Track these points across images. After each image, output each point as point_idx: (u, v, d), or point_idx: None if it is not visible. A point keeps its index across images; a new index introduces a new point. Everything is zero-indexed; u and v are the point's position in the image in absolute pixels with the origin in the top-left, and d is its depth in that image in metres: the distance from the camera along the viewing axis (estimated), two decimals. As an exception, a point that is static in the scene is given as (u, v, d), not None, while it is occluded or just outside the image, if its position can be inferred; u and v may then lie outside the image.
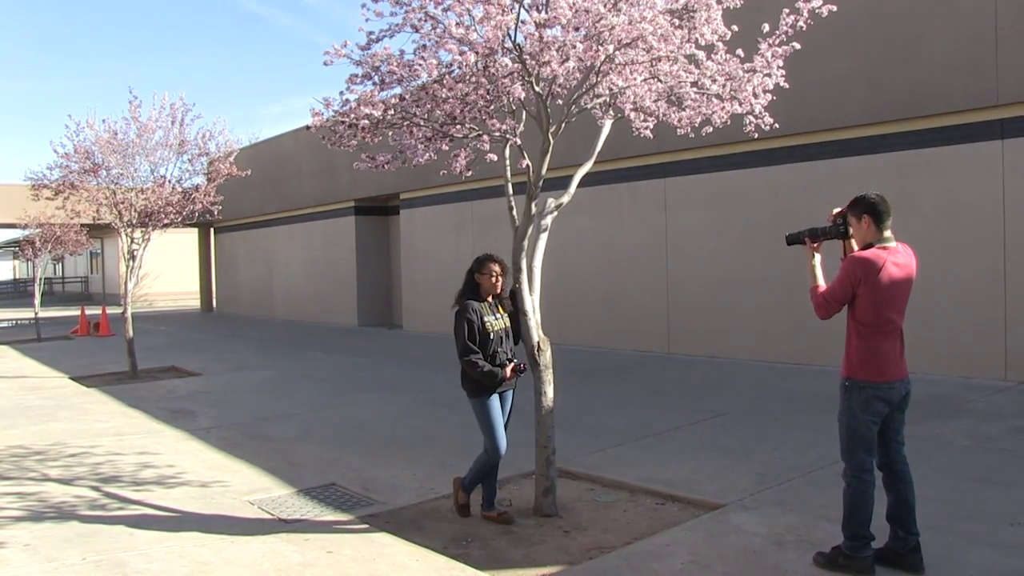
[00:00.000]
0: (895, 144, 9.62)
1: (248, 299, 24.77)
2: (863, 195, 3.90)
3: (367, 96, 4.44)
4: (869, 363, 3.78)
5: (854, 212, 3.88)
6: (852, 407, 3.82)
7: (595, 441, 6.78)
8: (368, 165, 4.92)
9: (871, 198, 3.86)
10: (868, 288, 3.73)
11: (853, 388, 3.81)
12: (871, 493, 3.83)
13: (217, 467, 6.36)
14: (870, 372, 3.78)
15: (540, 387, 4.91)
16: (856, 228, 3.90)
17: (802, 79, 9.20)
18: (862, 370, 3.79)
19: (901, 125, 9.57)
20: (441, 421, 7.82)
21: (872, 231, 3.84)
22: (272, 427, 7.86)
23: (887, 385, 3.78)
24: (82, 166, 11.27)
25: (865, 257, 3.77)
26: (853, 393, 3.81)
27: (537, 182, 4.86)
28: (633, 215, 12.74)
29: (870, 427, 3.81)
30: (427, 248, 17.23)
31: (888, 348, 3.80)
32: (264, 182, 21.62)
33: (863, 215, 3.85)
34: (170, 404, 9.28)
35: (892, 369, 3.81)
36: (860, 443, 3.82)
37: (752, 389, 9.04)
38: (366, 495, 5.52)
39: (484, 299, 4.81)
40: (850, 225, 3.92)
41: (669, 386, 9.57)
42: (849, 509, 3.86)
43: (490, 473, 4.90)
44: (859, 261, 3.77)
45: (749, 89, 4.95)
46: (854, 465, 3.84)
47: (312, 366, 12.33)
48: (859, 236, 3.90)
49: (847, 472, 3.88)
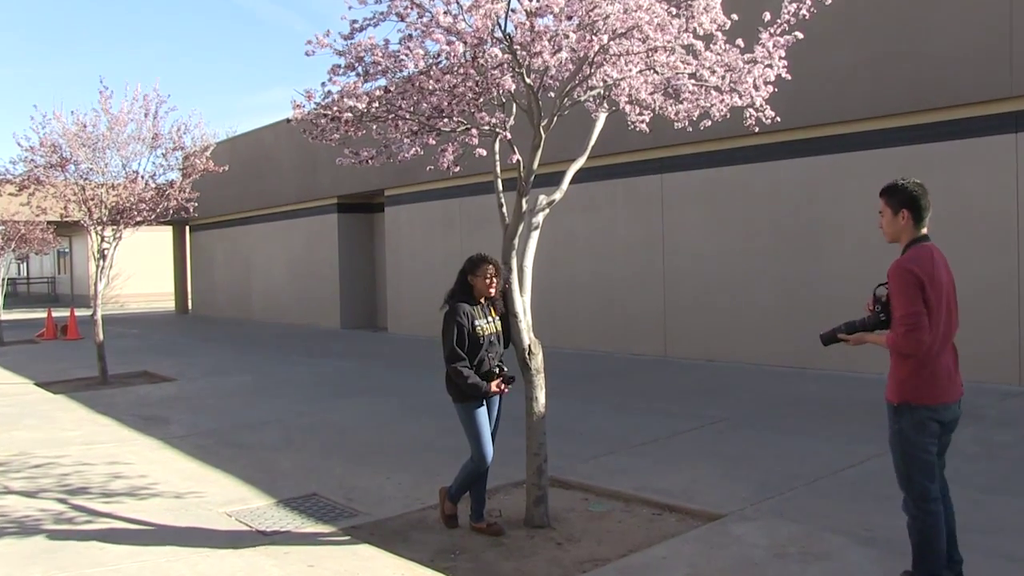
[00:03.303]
0: (901, 139, 9.67)
1: (225, 301, 24.67)
2: (902, 183, 3.58)
3: (350, 88, 4.43)
4: (922, 384, 3.47)
5: (889, 202, 3.57)
6: (905, 431, 3.52)
7: (589, 448, 6.78)
8: (351, 160, 4.91)
9: (912, 189, 3.54)
10: (927, 298, 3.41)
11: (903, 410, 3.51)
12: (942, 523, 3.54)
13: (192, 477, 6.33)
14: (923, 393, 3.47)
15: (531, 392, 4.91)
16: (889, 222, 3.58)
17: (805, 71, 9.21)
18: (914, 392, 3.47)
19: (908, 119, 9.62)
20: (427, 428, 7.81)
21: (909, 228, 3.54)
22: (250, 434, 7.83)
23: (943, 407, 3.50)
24: (48, 160, 11.19)
25: (915, 260, 3.45)
26: (904, 415, 3.51)
27: (528, 178, 4.86)
28: (628, 213, 12.76)
29: (928, 450, 3.52)
30: (413, 247, 17.21)
31: (943, 364, 3.51)
32: (242, 178, 21.54)
33: (901, 208, 3.53)
34: (142, 411, 9.23)
35: (947, 388, 3.52)
36: (919, 469, 3.51)
37: (752, 394, 9.06)
38: (349, 505, 5.50)
39: (476, 301, 4.80)
40: (880, 213, 3.61)
41: (666, 391, 9.58)
42: (919, 545, 3.56)
43: (478, 482, 4.89)
44: (908, 267, 3.42)
45: (749, 81, 4.97)
46: (916, 495, 3.54)
47: (293, 370, 12.29)
48: (891, 231, 3.59)
49: (908, 504, 3.58)
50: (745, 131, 5.40)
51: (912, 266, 3.42)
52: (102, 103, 11.05)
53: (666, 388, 9.80)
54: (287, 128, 7.30)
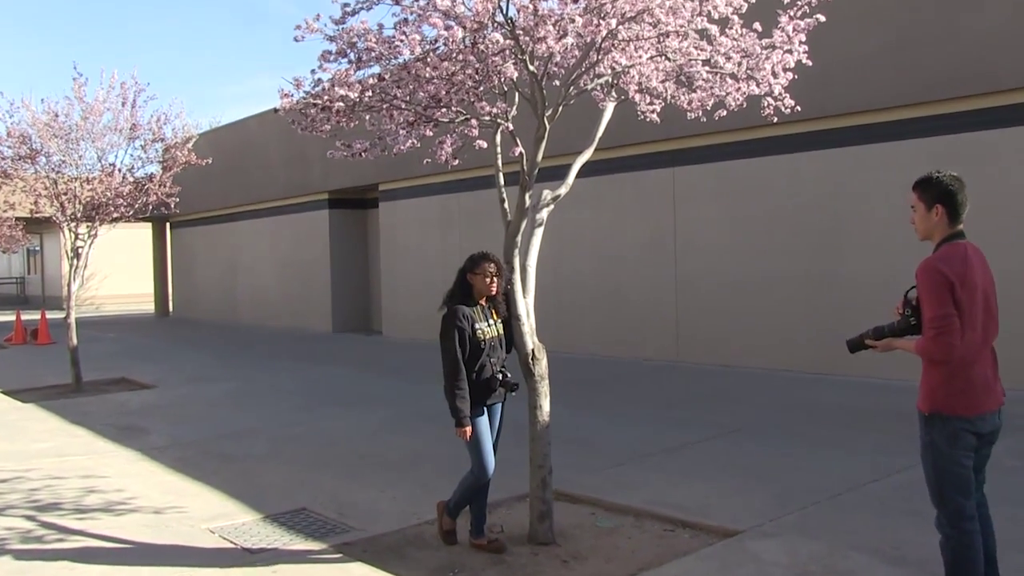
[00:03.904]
0: (930, 128, 9.65)
1: (209, 302, 24.71)
2: (937, 176, 3.53)
3: (342, 75, 4.43)
4: (956, 392, 3.41)
5: (923, 197, 3.52)
6: (936, 442, 3.47)
7: (596, 460, 6.78)
8: (343, 153, 4.91)
9: (948, 183, 3.49)
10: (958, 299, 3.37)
11: (935, 420, 3.46)
12: (978, 544, 3.48)
13: (173, 491, 6.33)
14: (957, 403, 3.41)
15: (535, 400, 4.91)
16: (922, 218, 3.53)
17: (827, 56, 9.21)
18: (946, 401, 3.42)
19: (937, 107, 9.58)
20: (425, 438, 7.81)
21: (943, 225, 3.49)
22: (235, 445, 7.84)
23: (979, 418, 3.44)
24: (17, 152, 11.20)
25: (945, 259, 3.40)
26: (935, 426, 3.46)
27: (531, 172, 4.87)
28: (638, 208, 12.78)
29: (962, 464, 3.46)
30: (409, 245, 17.23)
31: (979, 371, 3.45)
32: (227, 171, 21.56)
33: (935, 203, 3.48)
34: (119, 420, 9.24)
35: (984, 398, 3.46)
36: (953, 484, 3.46)
37: (771, 401, 9.06)
38: (341, 521, 5.50)
39: (476, 302, 4.81)
40: (912, 208, 3.57)
41: (678, 398, 9.59)
42: (952, 566, 3.51)
43: (478, 496, 4.90)
44: (937, 267, 3.37)
45: (767, 67, 4.97)
46: (950, 512, 3.48)
47: (281, 377, 12.30)
48: (924, 227, 3.55)
49: (942, 522, 3.52)
50: (763, 121, 5.41)
51: (941, 265, 3.37)
52: (76, 91, 11.06)
53: (678, 395, 9.79)
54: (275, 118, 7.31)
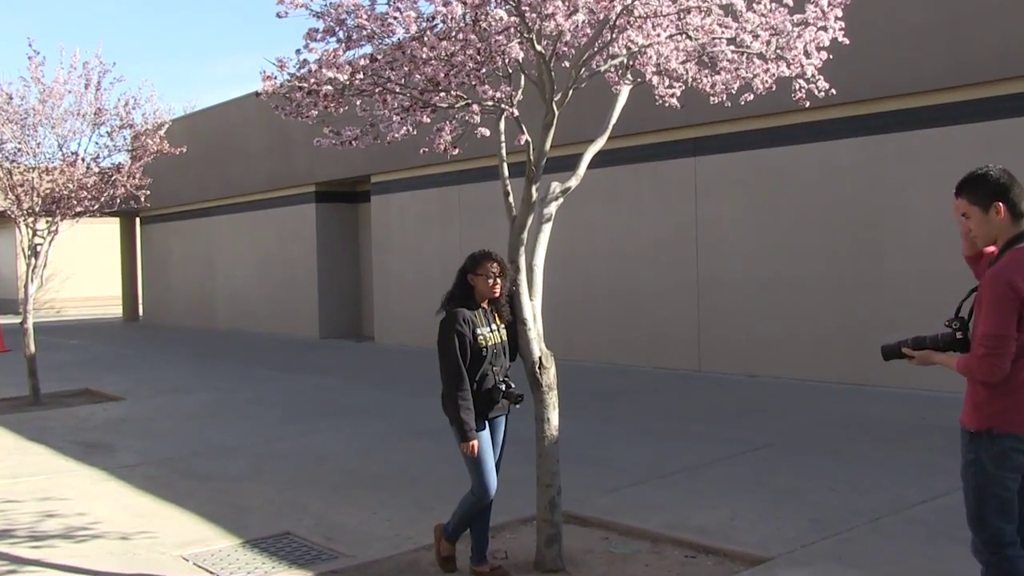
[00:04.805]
0: (984, 112, 9.58)
1: (183, 306, 24.75)
2: (982, 172, 3.48)
3: (330, 56, 4.44)
4: (1010, 407, 3.40)
5: (975, 199, 3.45)
6: (982, 460, 3.46)
7: (610, 479, 6.78)
8: (332, 141, 4.92)
9: (1000, 177, 3.43)
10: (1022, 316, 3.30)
11: (983, 438, 3.45)
12: (1022, 570, 3.46)
13: (142, 514, 6.34)
14: (1011, 420, 3.40)
15: (542, 413, 4.91)
16: (981, 221, 3.45)
17: (866, 33, 9.21)
18: (999, 417, 3.41)
19: (992, 88, 9.47)
20: (421, 454, 7.82)
21: (1008, 224, 3.41)
22: (213, 463, 7.85)
23: None
24: (-36, 139, 11.23)
25: (1018, 268, 3.32)
26: (983, 444, 3.45)
27: (539, 162, 4.87)
28: (656, 202, 12.77)
29: (1008, 487, 3.44)
30: (404, 243, 17.24)
31: None
32: (203, 161, 21.61)
33: (993, 202, 3.41)
34: (83, 436, 9.26)
35: None
36: (995, 508, 3.46)
37: (803, 415, 9.05)
38: (328, 546, 5.51)
39: (478, 305, 4.81)
40: (966, 216, 3.49)
41: (700, 411, 9.58)
42: None
43: (479, 518, 4.90)
44: (1009, 277, 3.29)
45: (799, 47, 4.96)
46: (988, 538, 3.49)
47: (263, 388, 12.32)
48: (985, 231, 3.47)
49: (978, 547, 3.54)
50: (794, 106, 5.40)
51: (1014, 276, 3.29)
52: (32, 71, 11.04)
53: (701, 408, 9.79)
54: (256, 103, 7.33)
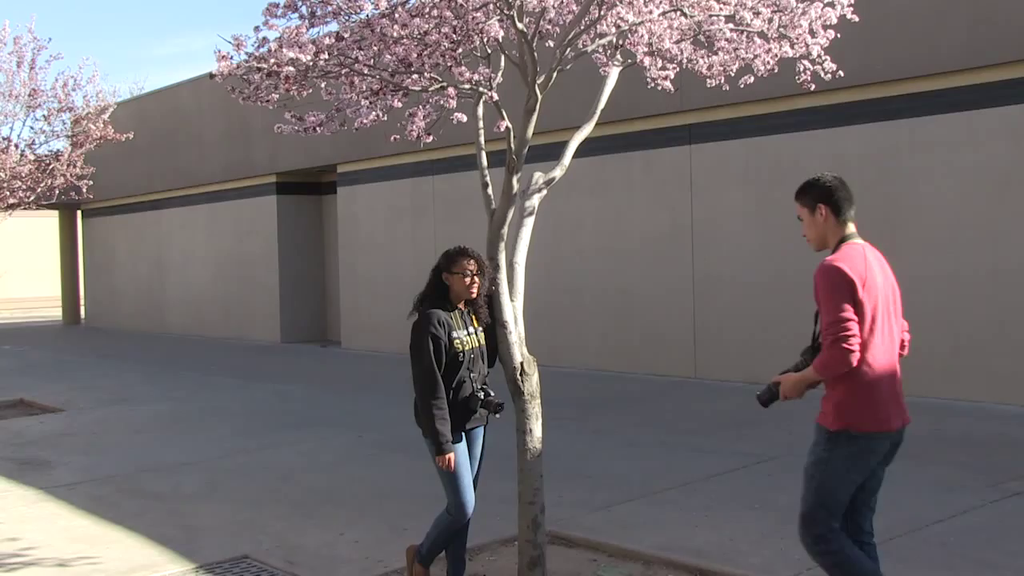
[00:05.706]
0: (1008, 96, 9.61)
1: (130, 307, 24.61)
2: (813, 178, 4.01)
3: (292, 34, 4.43)
4: (866, 406, 3.77)
5: (803, 202, 3.99)
6: (834, 461, 3.82)
7: (598, 495, 6.80)
8: (294, 128, 4.91)
9: (827, 183, 3.97)
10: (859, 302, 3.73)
11: (840, 438, 3.80)
12: (855, 551, 3.84)
13: (83, 538, 6.30)
14: (869, 418, 3.78)
15: (524, 424, 4.92)
16: (808, 224, 4.00)
17: (878, 9, 9.24)
18: (857, 416, 3.77)
19: (1017, 69, 9.49)
20: (393, 469, 7.82)
21: (833, 225, 3.94)
22: (163, 481, 7.82)
23: (886, 435, 3.82)
24: None
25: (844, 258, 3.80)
26: (840, 443, 3.80)
27: (520, 150, 4.88)
28: (648, 194, 12.81)
29: (850, 488, 3.85)
30: (374, 238, 17.22)
31: (887, 384, 3.81)
32: (152, 149, 21.49)
33: (817, 204, 3.93)
34: (16, 452, 9.19)
35: (895, 412, 3.84)
36: (830, 506, 3.84)
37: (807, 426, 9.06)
38: (290, 571, 5.50)
39: (454, 306, 4.81)
40: (800, 217, 4.03)
41: (696, 421, 9.62)
42: None
43: (455, 539, 4.91)
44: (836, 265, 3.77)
45: (804, 24, 4.99)
46: (816, 535, 3.84)
47: (219, 397, 12.28)
48: (813, 233, 4.01)
49: (808, 542, 3.88)
50: (798, 90, 5.44)
51: (840, 264, 3.76)
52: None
53: (697, 417, 9.82)
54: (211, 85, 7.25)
